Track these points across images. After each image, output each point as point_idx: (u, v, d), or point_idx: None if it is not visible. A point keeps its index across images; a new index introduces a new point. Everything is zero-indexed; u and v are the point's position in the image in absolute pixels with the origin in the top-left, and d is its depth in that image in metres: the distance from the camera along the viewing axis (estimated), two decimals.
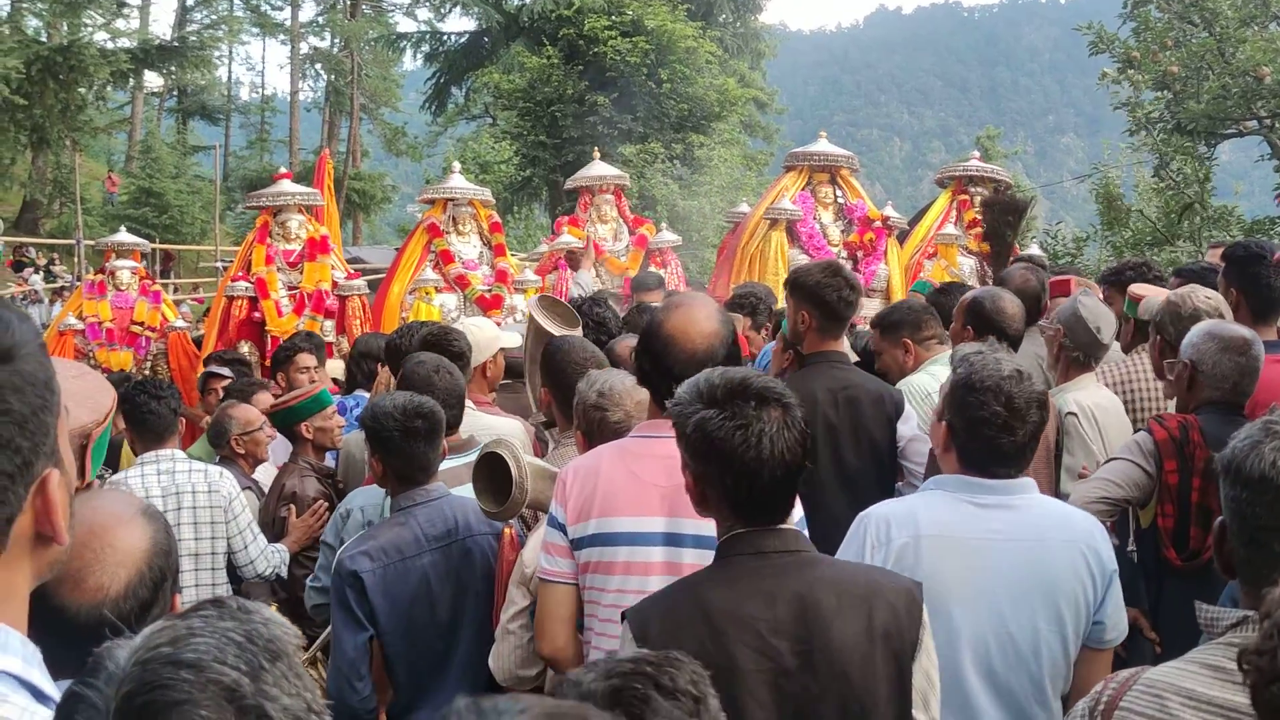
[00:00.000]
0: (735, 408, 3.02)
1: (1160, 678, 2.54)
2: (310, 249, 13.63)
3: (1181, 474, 4.78)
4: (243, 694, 1.38)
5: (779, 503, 3.11)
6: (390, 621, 4.44)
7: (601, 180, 16.61)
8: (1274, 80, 20.98)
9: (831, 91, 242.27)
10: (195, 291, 31.35)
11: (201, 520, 6.14)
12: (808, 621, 2.96)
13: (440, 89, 50.69)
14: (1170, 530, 4.82)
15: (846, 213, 15.15)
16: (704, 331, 3.84)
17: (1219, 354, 4.82)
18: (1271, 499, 2.49)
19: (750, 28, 51.62)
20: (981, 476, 3.66)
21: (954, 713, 3.52)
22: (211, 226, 38.07)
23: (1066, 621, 3.59)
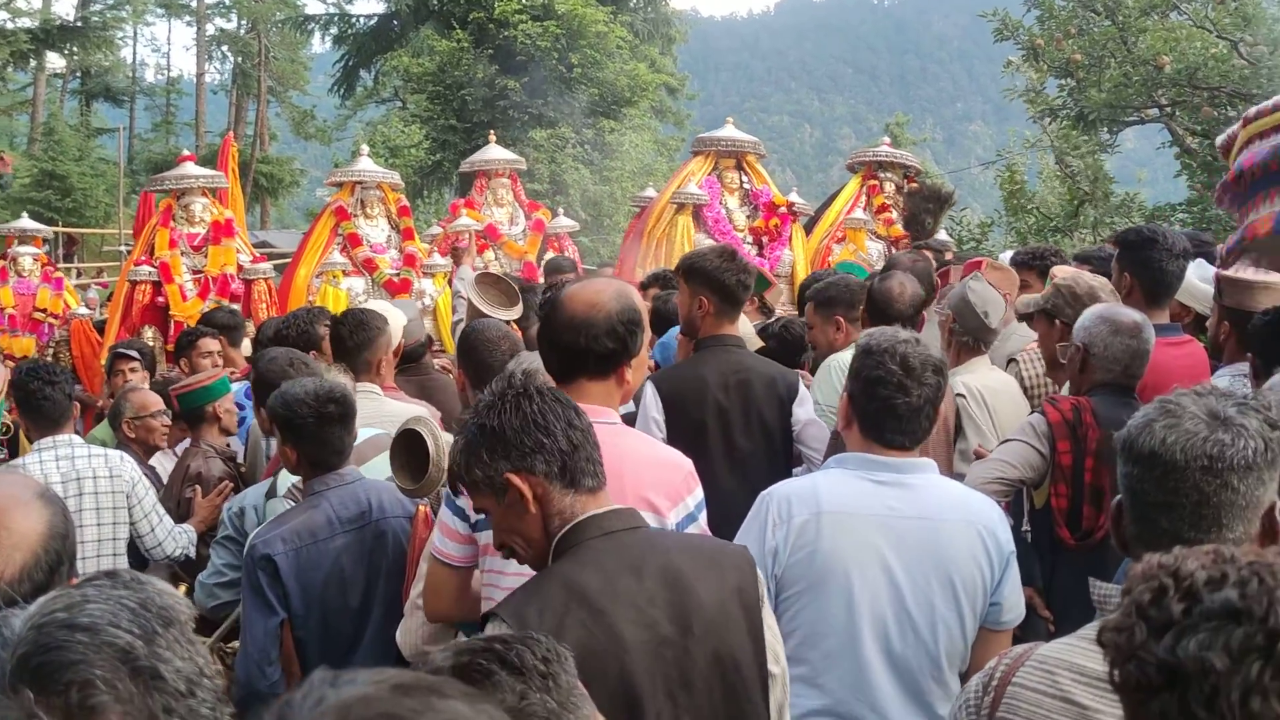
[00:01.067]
0: (507, 394, 3.07)
1: (1052, 654, 2.58)
2: (215, 233, 13.53)
3: (1075, 455, 4.86)
4: (136, 656, 1.39)
5: (589, 460, 3.09)
6: (303, 605, 4.41)
7: (497, 164, 16.71)
8: (1174, 69, 21.29)
9: (742, 78, 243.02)
10: (99, 276, 30.89)
11: (104, 505, 6.07)
12: (676, 588, 3.00)
13: (349, 72, 50.39)
14: (1064, 510, 4.89)
15: (752, 198, 15.31)
16: (590, 302, 3.84)
17: (1111, 337, 4.93)
18: (1159, 475, 2.53)
19: (661, 13, 51.65)
20: (881, 448, 3.73)
21: (852, 686, 3.60)
22: (116, 210, 37.54)
23: (963, 601, 3.64)
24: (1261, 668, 1.46)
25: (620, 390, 3.93)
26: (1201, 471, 2.49)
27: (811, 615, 3.66)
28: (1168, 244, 6.06)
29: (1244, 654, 1.48)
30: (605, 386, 3.86)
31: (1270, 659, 1.47)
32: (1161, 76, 21.70)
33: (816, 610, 3.66)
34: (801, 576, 3.66)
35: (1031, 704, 2.51)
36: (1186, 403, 2.59)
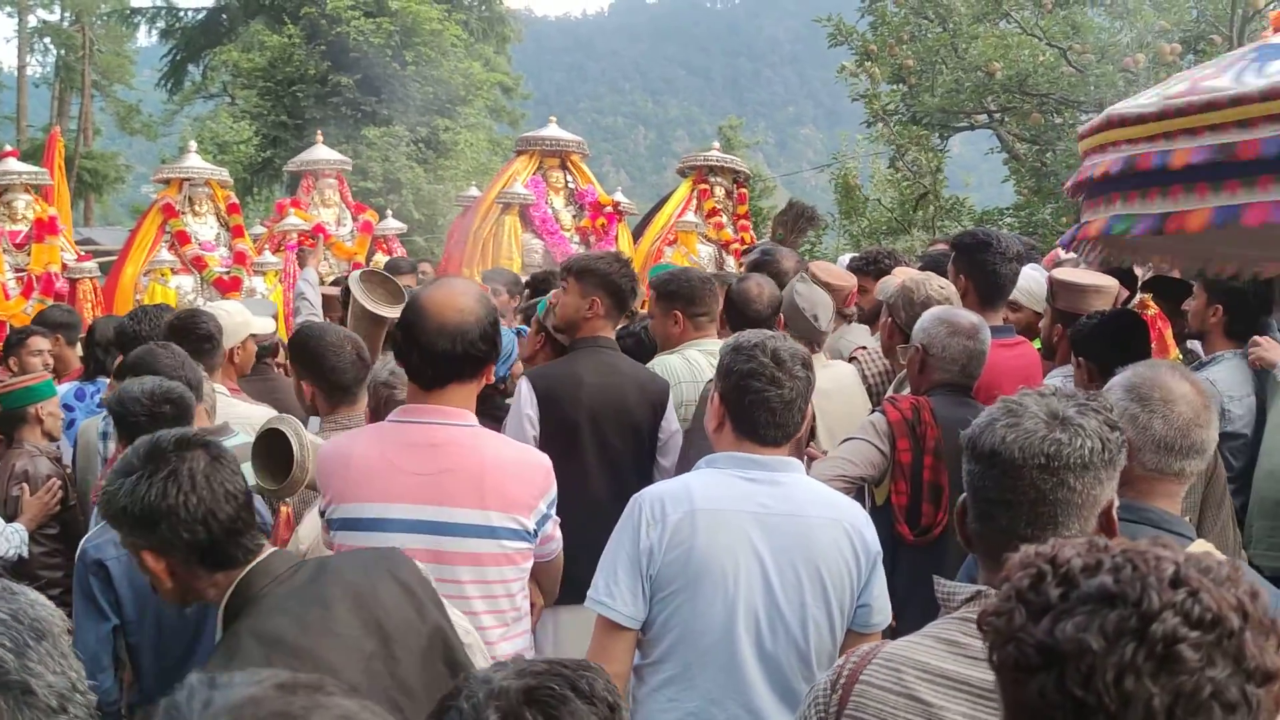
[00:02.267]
0: (155, 461, 3.00)
1: (898, 651, 2.62)
2: (38, 230, 13.26)
3: (914, 453, 4.95)
4: (7, 670, 1.39)
5: (246, 535, 3.08)
6: (135, 611, 4.31)
7: (324, 164, 16.67)
8: (1004, 75, 21.78)
9: (577, 78, 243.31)
10: None
11: None
12: (362, 603, 3.03)
13: (177, 66, 49.55)
14: (904, 507, 4.98)
15: (578, 197, 15.48)
16: (457, 306, 3.85)
17: (948, 338, 5.05)
18: (998, 473, 2.58)
19: (495, 12, 51.64)
20: (752, 444, 3.76)
21: (726, 685, 3.63)
22: None
23: (832, 599, 3.67)
24: (1135, 648, 1.52)
25: (479, 390, 3.95)
26: (1038, 470, 2.55)
27: (688, 613, 3.67)
28: (1002, 247, 6.22)
29: (1118, 635, 1.54)
30: (470, 389, 3.92)
31: (1143, 640, 1.52)
32: (992, 83, 22.20)
33: (692, 608, 3.67)
34: (678, 575, 3.67)
35: (878, 701, 2.54)
36: (1029, 403, 2.65)
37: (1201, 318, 6.19)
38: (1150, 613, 1.55)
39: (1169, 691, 1.51)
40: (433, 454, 3.84)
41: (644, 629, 3.72)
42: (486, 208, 14.89)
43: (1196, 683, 1.52)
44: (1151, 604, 1.56)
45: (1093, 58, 20.71)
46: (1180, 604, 1.56)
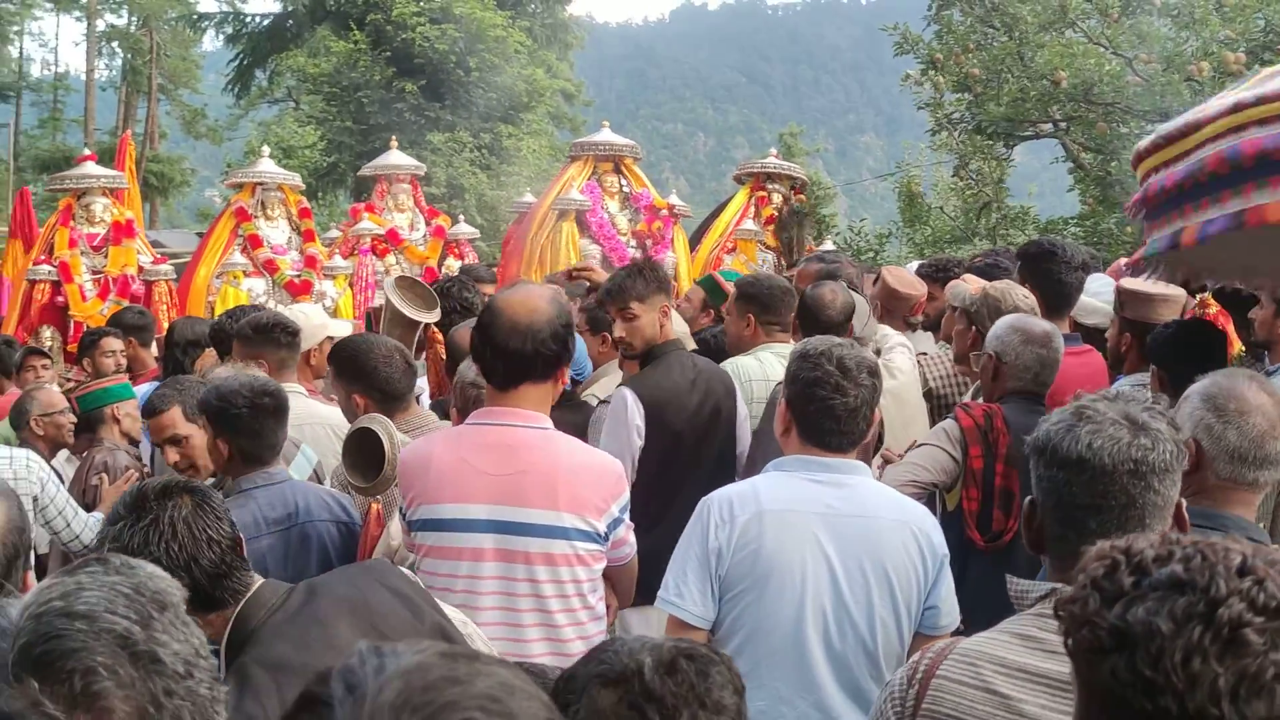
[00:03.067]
0: (138, 509, 3.03)
1: (974, 646, 2.66)
2: (115, 233, 13.47)
3: (985, 459, 4.97)
4: (135, 641, 1.42)
5: (233, 578, 3.13)
6: None
7: (398, 170, 16.77)
8: (1070, 84, 21.63)
9: (637, 85, 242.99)
10: None
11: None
12: (364, 616, 3.10)
13: (243, 71, 49.86)
14: (974, 513, 4.99)
15: (632, 201, 15.53)
16: (530, 307, 3.93)
17: (1022, 346, 5.07)
18: (1088, 479, 2.62)
19: (558, 19, 51.75)
20: (818, 449, 3.81)
21: (796, 683, 3.67)
22: (3, 208, 36.96)
23: (899, 599, 3.71)
24: (1202, 632, 1.58)
25: (556, 394, 4.03)
26: (1129, 475, 2.60)
27: (756, 612, 3.70)
28: (1067, 257, 6.29)
29: (1186, 619, 1.60)
30: (544, 391, 3.98)
31: (1210, 624, 1.58)
32: (1058, 92, 22.02)
33: (760, 607, 3.70)
34: (746, 574, 3.70)
35: (956, 695, 2.59)
36: (1102, 408, 2.69)
37: (1270, 327, 6.18)
38: (1217, 599, 1.62)
39: (1234, 673, 1.57)
40: (508, 455, 3.90)
41: (713, 629, 3.76)
42: (543, 214, 14.99)
43: (1260, 665, 1.57)
44: (1219, 591, 1.62)
45: (1158, 67, 20.54)
46: (1246, 591, 1.62)
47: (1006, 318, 5.31)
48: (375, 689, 1.20)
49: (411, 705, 1.17)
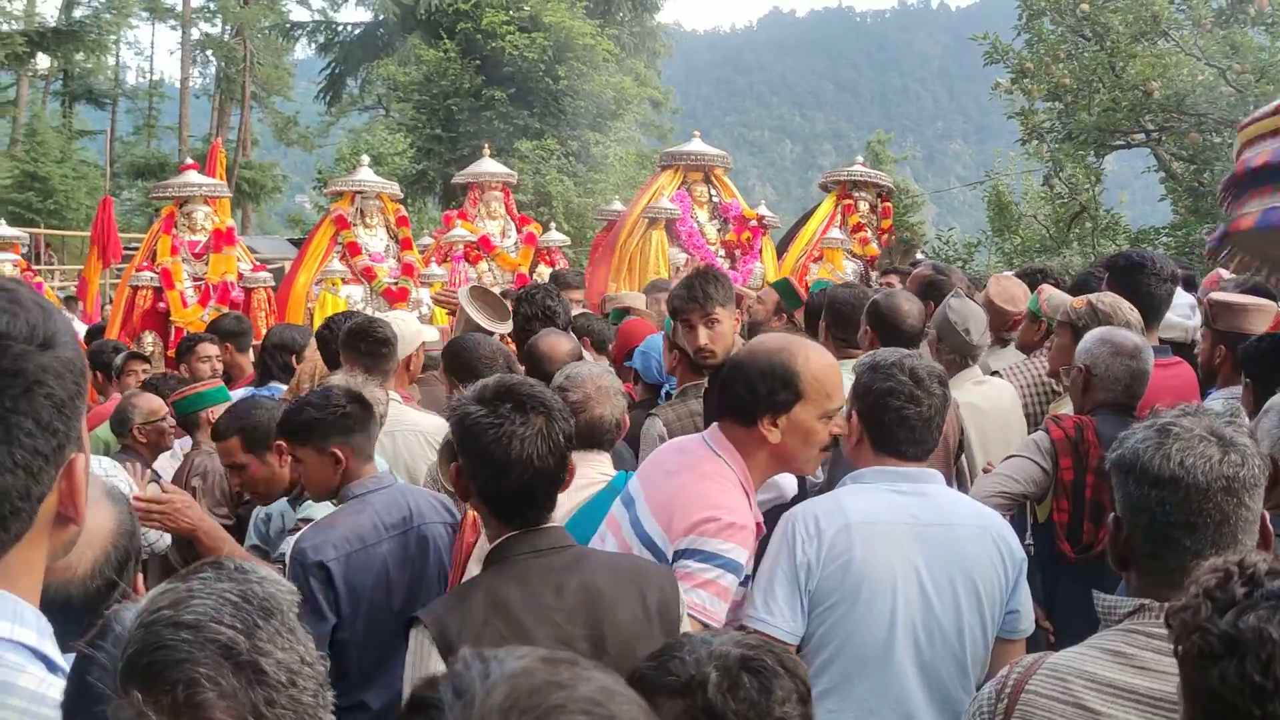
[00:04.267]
0: (495, 407, 3.18)
1: (1063, 662, 2.66)
2: (216, 240, 13.62)
3: (1076, 471, 4.98)
4: (238, 651, 1.47)
5: (534, 504, 3.25)
6: (351, 609, 4.35)
7: (491, 177, 16.87)
8: (1162, 95, 21.51)
9: (725, 92, 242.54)
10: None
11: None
12: (594, 606, 3.15)
13: (334, 79, 50.42)
14: (1065, 525, 5.01)
15: (721, 211, 15.58)
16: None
17: (1112, 359, 5.06)
18: (1183, 497, 2.60)
19: (647, 27, 51.81)
20: (893, 460, 3.83)
21: (885, 694, 3.68)
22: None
23: (985, 606, 3.71)
24: None
25: None
26: (1223, 493, 2.60)
27: (848, 625, 3.68)
28: (1156, 268, 6.27)
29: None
30: None
31: None
32: (1150, 102, 21.91)
33: (853, 620, 3.68)
34: (837, 587, 3.68)
35: (1045, 710, 2.60)
36: (1188, 424, 2.70)
37: None
38: None
39: None
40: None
41: (801, 643, 3.73)
42: (633, 222, 15.03)
43: None
44: None
45: (1251, 78, 20.40)
46: None
47: (1096, 330, 5.31)
48: (483, 693, 1.25)
49: (520, 708, 1.23)
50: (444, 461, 4.42)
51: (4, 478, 1.67)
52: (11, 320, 1.65)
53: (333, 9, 53.29)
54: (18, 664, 1.72)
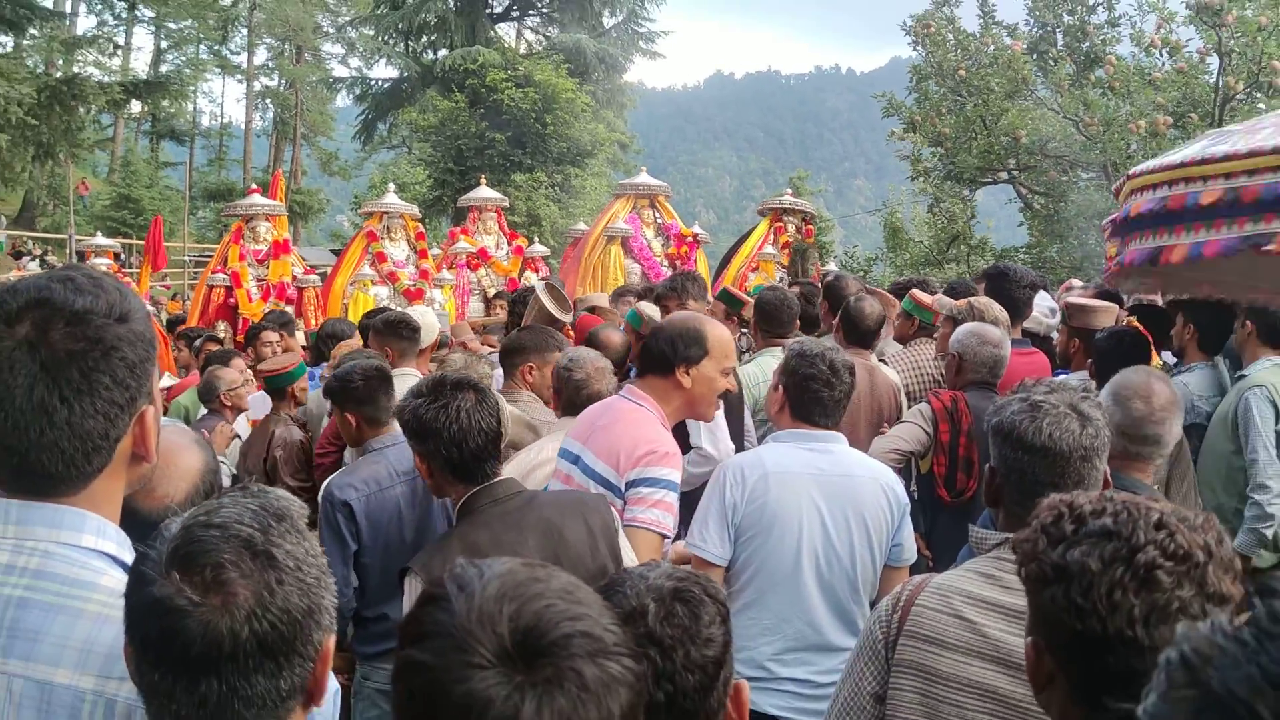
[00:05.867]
0: (435, 395, 3.22)
1: (945, 581, 2.66)
2: (275, 250, 13.69)
3: (952, 434, 5.08)
4: (255, 543, 1.52)
5: (488, 461, 3.27)
6: (370, 539, 4.37)
7: (487, 201, 16.96)
8: (1028, 141, 21.74)
9: (678, 137, 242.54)
10: (164, 280, 30.67)
11: None
12: (549, 535, 3.19)
13: (368, 123, 50.04)
14: (942, 476, 5.11)
15: (664, 230, 15.64)
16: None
17: (979, 347, 5.18)
18: (1050, 463, 2.63)
19: (616, 84, 51.56)
20: (807, 426, 3.89)
21: (793, 605, 3.75)
22: (179, 228, 37.33)
23: (873, 539, 3.79)
24: (1123, 571, 1.70)
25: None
26: (1081, 460, 2.65)
27: (764, 553, 3.76)
28: (1018, 277, 6.41)
29: (1112, 561, 1.71)
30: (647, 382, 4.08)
31: (1129, 565, 1.70)
32: (1018, 147, 22.09)
33: (768, 549, 3.75)
34: (756, 522, 3.76)
35: (931, 619, 2.60)
36: (1054, 400, 2.72)
37: (1180, 336, 6.25)
38: (1137, 546, 1.71)
39: (1146, 604, 1.68)
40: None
41: (729, 566, 3.81)
42: (595, 239, 15.11)
43: (1168, 599, 1.68)
44: (1139, 539, 1.72)
45: (1100, 128, 20.58)
46: (1161, 541, 1.71)
47: (966, 325, 5.39)
48: (480, 586, 1.32)
49: (510, 596, 1.30)
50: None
51: (87, 422, 1.72)
52: (95, 300, 1.72)
53: (367, 67, 52.99)
54: (100, 568, 1.77)
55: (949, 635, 2.56)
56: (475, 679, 1.24)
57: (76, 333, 1.69)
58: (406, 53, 48.09)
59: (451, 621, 1.28)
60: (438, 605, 1.32)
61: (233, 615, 1.46)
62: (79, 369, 1.70)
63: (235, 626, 1.46)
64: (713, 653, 1.81)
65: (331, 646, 1.60)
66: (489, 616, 1.28)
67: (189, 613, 1.45)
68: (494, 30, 48.92)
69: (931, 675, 2.56)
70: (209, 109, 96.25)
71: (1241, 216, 3.70)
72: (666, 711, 1.74)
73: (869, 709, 2.65)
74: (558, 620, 1.28)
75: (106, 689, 1.66)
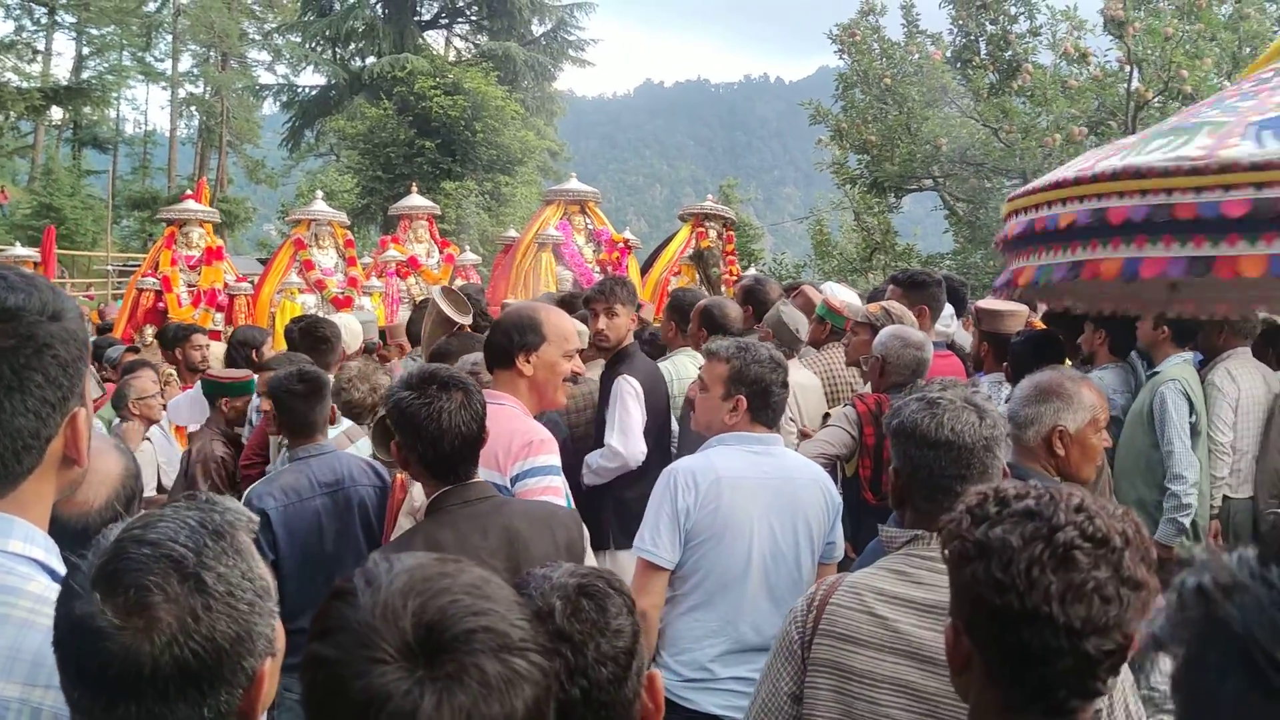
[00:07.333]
0: (423, 390, 3.22)
1: (858, 579, 2.69)
2: (207, 256, 13.64)
3: (876, 437, 5.12)
4: (186, 565, 1.47)
5: (463, 463, 3.27)
6: (288, 549, 4.37)
7: (418, 209, 16.92)
8: (948, 149, 21.99)
9: (608, 145, 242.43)
10: (88, 290, 30.24)
11: None
12: (513, 544, 3.16)
13: (295, 130, 49.72)
14: (867, 478, 5.18)
15: (595, 236, 15.70)
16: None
17: (902, 350, 5.22)
18: (955, 456, 2.67)
19: (546, 92, 51.65)
20: (760, 427, 3.95)
21: (738, 608, 3.81)
22: (102, 236, 36.81)
23: (814, 539, 3.86)
24: (1042, 549, 1.76)
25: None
26: (983, 450, 2.69)
27: (715, 556, 3.78)
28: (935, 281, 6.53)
29: (1032, 539, 1.77)
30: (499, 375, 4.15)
31: (1049, 544, 1.76)
32: (939, 155, 22.35)
33: (719, 553, 3.77)
34: (708, 527, 3.77)
35: (845, 617, 2.62)
36: (950, 395, 2.76)
37: (1090, 342, 6.39)
38: (1057, 525, 1.78)
39: (1063, 582, 1.73)
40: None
41: (676, 569, 3.81)
42: (525, 245, 15.12)
43: (1084, 579, 1.73)
44: (1059, 520, 1.78)
45: (1018, 136, 20.89)
46: (1080, 523, 1.78)
47: (889, 328, 5.43)
48: (388, 581, 1.31)
49: (416, 590, 1.29)
50: (379, 439, 4.35)
51: (18, 420, 1.71)
52: (28, 298, 1.71)
53: (294, 74, 52.65)
54: (27, 573, 1.75)
55: (862, 633, 2.59)
56: (375, 674, 1.23)
57: (8, 329, 1.68)
58: (334, 60, 47.89)
59: (356, 616, 1.28)
60: (344, 600, 1.31)
61: (153, 640, 1.43)
62: (10, 365, 1.69)
63: (155, 652, 1.43)
64: (623, 643, 1.81)
65: (268, 671, 1.56)
66: (393, 611, 1.27)
67: (109, 635, 1.42)
68: (422, 38, 48.88)
69: (846, 673, 2.59)
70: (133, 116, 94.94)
71: (1114, 238, 3.75)
72: (583, 706, 1.75)
73: (786, 709, 2.67)
74: (462, 616, 1.28)
75: (32, 696, 1.63)
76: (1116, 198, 3.72)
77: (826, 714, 2.59)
